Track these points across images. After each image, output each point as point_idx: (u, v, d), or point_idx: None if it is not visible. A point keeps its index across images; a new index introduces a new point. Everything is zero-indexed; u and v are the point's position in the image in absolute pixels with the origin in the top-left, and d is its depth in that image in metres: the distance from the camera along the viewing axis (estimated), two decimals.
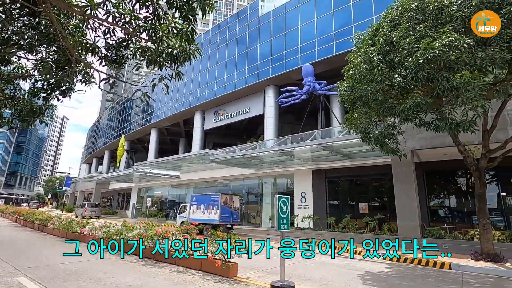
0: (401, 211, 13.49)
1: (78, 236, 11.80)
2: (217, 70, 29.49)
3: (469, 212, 14.11)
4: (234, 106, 28.53)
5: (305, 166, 20.00)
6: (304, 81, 19.78)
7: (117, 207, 42.47)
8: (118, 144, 48.02)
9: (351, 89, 9.16)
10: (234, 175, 24.59)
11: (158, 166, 25.20)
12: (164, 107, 35.42)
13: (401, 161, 14.33)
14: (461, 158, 14.09)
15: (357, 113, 8.34)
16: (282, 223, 5.90)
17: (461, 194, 14.69)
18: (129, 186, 38.23)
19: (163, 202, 33.02)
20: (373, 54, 8.21)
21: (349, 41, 20.05)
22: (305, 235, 16.73)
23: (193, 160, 21.26)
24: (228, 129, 38.41)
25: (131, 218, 35.28)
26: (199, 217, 17.34)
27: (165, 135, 41.70)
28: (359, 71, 8.47)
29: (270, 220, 20.42)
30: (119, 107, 50.92)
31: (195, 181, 28.72)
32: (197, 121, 31.68)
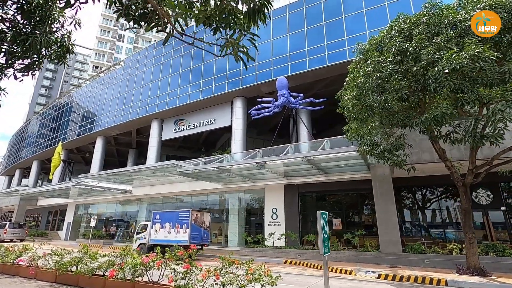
0: (382, 226, 13.46)
1: (12, 270, 8.93)
2: (180, 77, 27.66)
3: (442, 225, 14.72)
4: (198, 116, 26.85)
5: (277, 181, 19.25)
6: (278, 93, 19.40)
7: (47, 228, 36.08)
8: (51, 153, 41.73)
9: (357, 99, 8.76)
10: (196, 190, 22.66)
11: (109, 179, 21.94)
12: (115, 113, 31.83)
13: (379, 176, 14.62)
14: (433, 174, 14.98)
15: (371, 123, 7.89)
16: (325, 245, 4.87)
17: (433, 208, 15.33)
18: (64, 203, 32.82)
19: (108, 220, 28.90)
20: (385, 63, 7.96)
21: (319, 59, 20.51)
22: (281, 254, 15.73)
23: (155, 172, 18.91)
24: (185, 141, 36.21)
25: (65, 240, 30.07)
26: (163, 237, 15.12)
27: (112, 145, 37.44)
28: (370, 79, 8.12)
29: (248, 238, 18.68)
30: (54, 112, 44.77)
31: (149, 197, 25.79)
32: (154, 131, 29.01)
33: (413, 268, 11.76)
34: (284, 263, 14.23)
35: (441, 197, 14.92)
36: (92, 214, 28.48)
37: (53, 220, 36.08)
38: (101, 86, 35.78)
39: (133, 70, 32.66)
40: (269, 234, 16.85)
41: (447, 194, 14.79)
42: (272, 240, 17.28)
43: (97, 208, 30.03)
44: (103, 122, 33.10)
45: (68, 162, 38.67)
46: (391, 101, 7.60)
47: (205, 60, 26.40)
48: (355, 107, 8.77)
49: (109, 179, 21.77)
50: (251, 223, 21.17)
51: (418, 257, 12.26)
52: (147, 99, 29.44)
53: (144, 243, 15.74)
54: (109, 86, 34.73)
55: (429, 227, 14.91)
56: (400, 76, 7.57)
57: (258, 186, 20.09)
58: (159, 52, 30.65)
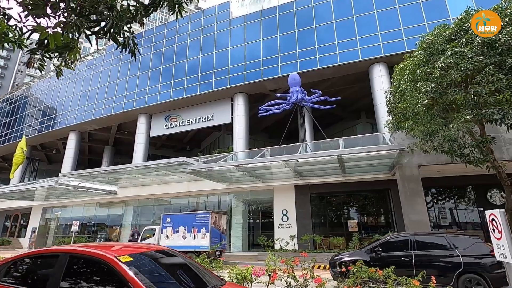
0: (411, 227, 13.22)
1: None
2: (174, 70, 25.69)
3: (465, 226, 14.99)
4: (193, 112, 25.09)
5: (286, 181, 18.41)
6: (291, 90, 18.63)
7: (3, 235, 31.31)
8: (5, 150, 36.74)
9: (433, 92, 8.23)
10: (196, 191, 21.01)
11: (97, 178, 19.39)
12: (94, 105, 28.65)
13: (408, 176, 14.42)
14: (453, 175, 15.22)
15: (462, 117, 7.36)
16: None
17: (460, 209, 15.57)
18: (27, 205, 28.72)
19: (85, 225, 25.75)
20: (470, 55, 7.54)
21: (331, 57, 20.20)
22: (302, 258, 14.86)
23: (164, 169, 17.00)
24: (168, 140, 34.00)
25: (29, 248, 26.21)
26: (176, 243, 13.42)
27: (85, 141, 33.79)
28: (454, 72, 7.65)
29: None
30: (9, 106, 39.68)
31: (137, 198, 23.42)
32: (142, 126, 26.58)
33: None
34: (312, 267, 13.35)
35: (466, 197, 15.20)
36: (66, 217, 25.20)
37: (12, 226, 31.46)
38: (75, 76, 32.13)
39: (115, 60, 29.75)
40: (290, 236, 15.87)
41: (472, 195, 15.13)
42: (285, 243, 16.34)
43: (71, 211, 26.65)
44: (78, 116, 29.65)
45: (33, 159, 34.15)
46: (484, 94, 7.18)
47: (203, 53, 24.81)
48: (429, 102, 8.27)
49: (98, 178, 19.27)
50: (257, 226, 20.07)
51: None
52: (133, 92, 26.91)
53: None
54: (86, 76, 31.31)
55: (457, 227, 15.10)
56: (496, 68, 7.19)
57: (266, 187, 19.07)
58: (148, 42, 28.29)
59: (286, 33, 22.06)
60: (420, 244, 8.01)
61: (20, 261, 3.51)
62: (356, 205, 17.81)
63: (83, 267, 3.12)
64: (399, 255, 7.97)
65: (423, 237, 8.41)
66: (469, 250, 7.48)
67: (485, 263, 7.17)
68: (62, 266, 3.00)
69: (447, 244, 7.74)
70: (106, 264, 2.82)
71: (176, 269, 3.46)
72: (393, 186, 15.67)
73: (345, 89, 22.71)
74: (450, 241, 7.77)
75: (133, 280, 2.60)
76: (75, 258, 3.12)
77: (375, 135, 17.63)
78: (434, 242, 8.09)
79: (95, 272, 3.03)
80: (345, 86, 22.81)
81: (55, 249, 3.77)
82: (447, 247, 7.69)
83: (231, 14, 24.88)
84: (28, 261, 3.52)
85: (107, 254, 2.93)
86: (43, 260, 3.50)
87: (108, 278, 2.86)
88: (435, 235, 8.94)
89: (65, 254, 3.11)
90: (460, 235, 8.66)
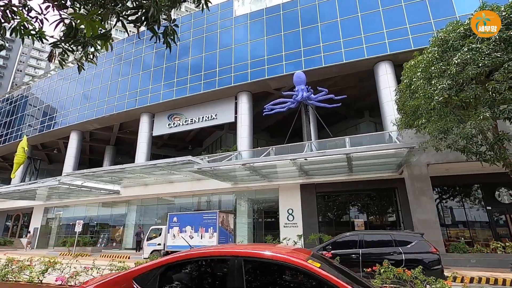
0: (421, 225, 13.12)
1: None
2: (177, 68, 25.51)
3: (474, 224, 14.89)
4: (196, 111, 24.93)
5: (292, 180, 18.29)
6: (296, 88, 18.50)
7: (4, 235, 31.10)
8: (5, 150, 36.57)
9: (448, 89, 8.12)
10: (199, 190, 20.86)
11: (100, 178, 19.23)
12: (96, 105, 28.45)
13: (417, 175, 14.31)
14: (460, 174, 15.12)
15: (481, 114, 7.24)
16: None
17: (466, 208, 15.46)
18: (29, 205, 28.52)
19: (88, 225, 25.58)
20: (488, 51, 7.42)
21: (336, 55, 20.06)
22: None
23: (162, 169, 16.87)
24: (170, 139, 33.83)
25: (32, 249, 26.02)
26: (184, 243, 13.31)
27: (86, 140, 33.59)
28: (471, 68, 7.53)
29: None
30: (9, 105, 39.49)
31: (140, 198, 23.26)
32: (144, 125, 26.41)
33: (462, 268, 11.51)
34: None
35: (475, 196, 15.12)
36: (67, 217, 25.04)
37: (14, 226, 31.26)
38: (77, 75, 31.90)
39: (117, 59, 29.55)
40: (298, 236, 15.78)
41: (479, 194, 15.04)
42: (293, 242, 16.24)
43: (73, 211, 26.48)
44: (80, 115, 29.45)
45: (34, 159, 33.94)
46: (504, 90, 7.08)
47: (206, 51, 24.65)
48: (444, 99, 8.16)
49: (102, 177, 19.11)
50: (262, 225, 19.95)
51: (464, 256, 12.08)
52: (136, 91, 26.73)
53: (158, 249, 13.74)
54: (88, 75, 31.09)
55: (464, 226, 15.01)
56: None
57: (271, 186, 18.95)
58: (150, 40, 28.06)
59: (290, 31, 21.92)
60: (367, 243, 8.23)
61: (180, 265, 2.98)
62: (363, 204, 17.69)
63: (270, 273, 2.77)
64: (349, 253, 8.15)
65: (370, 235, 8.72)
66: (411, 247, 7.75)
67: (425, 259, 7.49)
68: (240, 271, 2.62)
69: (393, 242, 7.97)
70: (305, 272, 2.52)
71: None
72: (400, 184, 15.60)
73: (348, 87, 22.57)
74: (395, 239, 8.02)
75: (336, 281, 2.38)
76: (254, 262, 2.74)
77: (382, 133, 17.51)
78: (380, 240, 8.35)
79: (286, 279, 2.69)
80: (349, 85, 22.68)
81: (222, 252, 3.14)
82: (392, 245, 7.92)
83: (234, 12, 24.72)
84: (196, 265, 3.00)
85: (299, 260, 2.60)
86: (207, 264, 3.01)
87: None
88: (382, 234, 9.24)
89: (238, 258, 2.72)
90: (405, 233, 8.89)
